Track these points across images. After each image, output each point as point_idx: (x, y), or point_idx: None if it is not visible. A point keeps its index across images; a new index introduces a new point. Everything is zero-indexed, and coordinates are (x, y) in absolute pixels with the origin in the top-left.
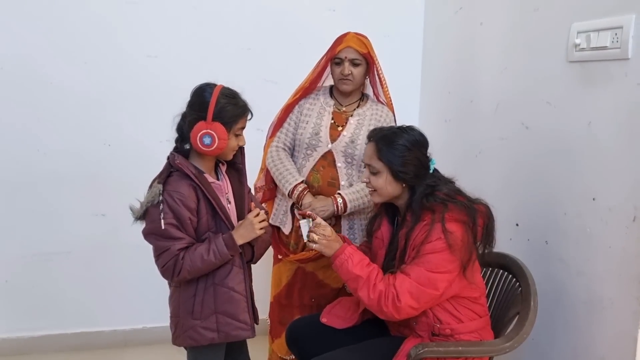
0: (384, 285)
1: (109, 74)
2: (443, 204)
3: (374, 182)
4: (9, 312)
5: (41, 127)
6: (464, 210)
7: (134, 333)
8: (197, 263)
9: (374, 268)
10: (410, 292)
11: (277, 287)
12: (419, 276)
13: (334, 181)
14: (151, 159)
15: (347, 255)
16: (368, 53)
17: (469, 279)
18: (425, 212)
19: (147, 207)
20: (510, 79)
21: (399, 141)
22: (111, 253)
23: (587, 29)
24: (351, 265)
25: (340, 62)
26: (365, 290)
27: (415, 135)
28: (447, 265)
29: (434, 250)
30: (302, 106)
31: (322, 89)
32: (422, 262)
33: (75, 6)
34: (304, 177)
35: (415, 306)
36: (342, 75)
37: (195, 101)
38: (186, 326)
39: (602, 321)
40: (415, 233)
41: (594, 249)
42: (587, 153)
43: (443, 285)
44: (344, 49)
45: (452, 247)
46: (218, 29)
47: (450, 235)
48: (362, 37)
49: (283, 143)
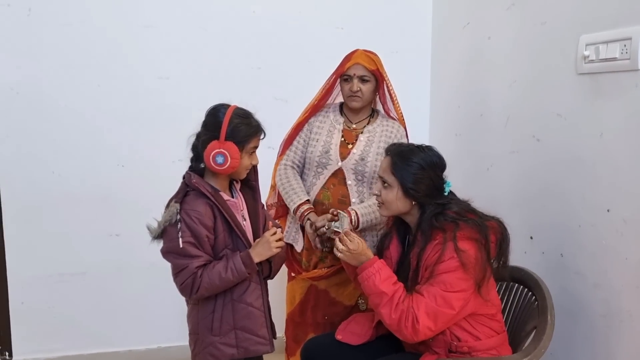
0: (405, 305)
1: (121, 96)
2: (454, 222)
3: (384, 196)
4: (25, 334)
5: (56, 149)
6: (475, 228)
7: (149, 353)
8: (215, 281)
9: (400, 287)
10: (427, 313)
11: (291, 304)
12: (435, 296)
13: (344, 199)
14: (164, 179)
15: (376, 270)
16: (377, 70)
17: (484, 297)
18: (436, 231)
19: (165, 226)
20: (520, 92)
21: (414, 159)
22: (126, 273)
23: (596, 41)
24: (378, 281)
25: (349, 79)
26: (387, 308)
27: (432, 156)
28: (462, 284)
29: (448, 270)
30: (312, 124)
31: (332, 106)
32: (436, 282)
33: (87, 31)
34: (313, 196)
35: (433, 328)
36: (351, 92)
37: (209, 121)
38: (206, 343)
39: (621, 334)
40: (427, 253)
41: (610, 261)
42: (600, 164)
43: (459, 304)
44: (352, 66)
45: (465, 265)
46: (227, 49)
47: (463, 254)
48: (371, 53)
49: (292, 161)
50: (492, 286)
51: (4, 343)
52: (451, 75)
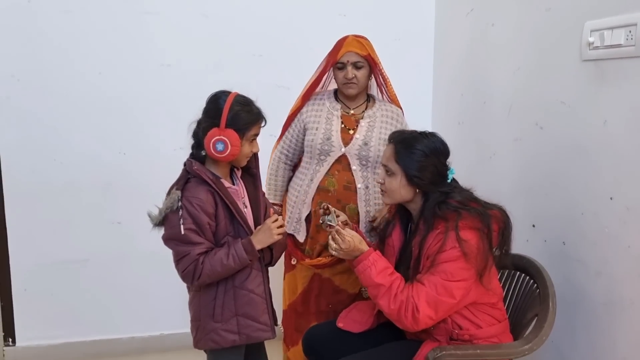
0: (404, 295)
1: (123, 83)
2: (456, 211)
3: (387, 184)
4: (28, 321)
5: (57, 137)
6: (477, 217)
7: (151, 340)
8: (216, 267)
9: (397, 277)
10: (428, 302)
11: (292, 294)
12: (436, 285)
13: (349, 184)
14: (166, 167)
15: (371, 262)
16: (369, 55)
17: (485, 286)
18: (438, 220)
19: (167, 213)
20: (524, 80)
21: (418, 146)
22: (128, 260)
23: (601, 27)
24: (374, 273)
25: (343, 67)
26: (385, 300)
27: (435, 143)
28: (463, 274)
29: (449, 259)
30: (305, 113)
31: (325, 93)
32: (437, 272)
33: (87, 17)
34: (317, 183)
35: (433, 316)
36: (346, 80)
37: (210, 108)
38: (207, 329)
39: (623, 322)
40: (429, 242)
41: (612, 249)
42: (603, 152)
43: (460, 293)
44: (345, 53)
45: (467, 255)
46: (229, 37)
47: (465, 243)
48: (362, 38)
49: (284, 153)
50: (493, 275)
51: (7, 330)
52: (454, 62)
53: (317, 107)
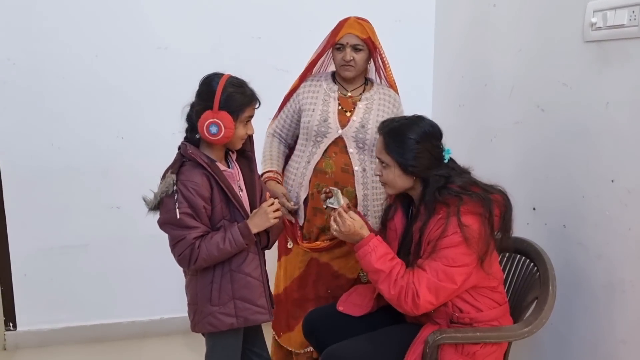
0: (404, 281)
1: (119, 67)
2: (457, 196)
3: (385, 176)
4: (28, 305)
5: (54, 121)
6: (479, 202)
7: (152, 324)
8: (213, 251)
9: (397, 263)
10: (429, 288)
11: (287, 279)
12: (437, 271)
13: (347, 167)
14: (164, 151)
15: (372, 248)
16: (369, 38)
17: (486, 270)
18: (440, 205)
19: (162, 197)
20: (525, 61)
21: (408, 134)
22: (127, 245)
23: (603, 7)
24: (374, 259)
25: (342, 48)
26: (386, 285)
27: (424, 127)
28: (464, 259)
29: (451, 245)
30: (302, 94)
31: (323, 74)
32: (438, 257)
33: (84, 0)
34: (313, 164)
35: (434, 302)
36: (344, 62)
37: (203, 90)
38: (205, 313)
39: (622, 305)
40: (430, 227)
41: (613, 232)
42: (605, 134)
43: (461, 278)
44: (345, 35)
45: (468, 240)
46: (227, 19)
47: (467, 228)
48: (364, 21)
49: (277, 131)
50: (494, 259)
51: (8, 314)
52: (455, 44)
53: (313, 89)
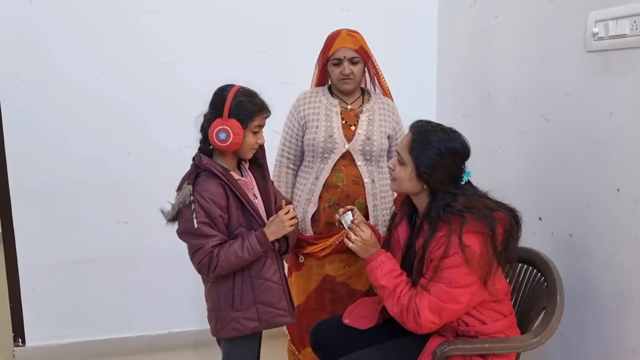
0: (406, 300)
1: (126, 83)
2: (460, 215)
3: (397, 171)
4: (37, 321)
5: (63, 137)
6: (482, 221)
7: (159, 338)
8: (231, 259)
9: (401, 280)
10: (430, 308)
11: (301, 295)
12: (439, 293)
13: (357, 179)
14: (171, 166)
15: (379, 264)
16: (362, 47)
17: (490, 290)
18: (442, 223)
19: (180, 207)
20: (528, 72)
21: (435, 142)
22: (135, 260)
23: (605, 18)
24: (380, 275)
25: (339, 63)
26: (390, 302)
27: (454, 143)
28: (466, 280)
29: (452, 266)
30: (303, 111)
31: (319, 89)
32: (440, 278)
33: (89, 17)
34: (323, 180)
35: (437, 322)
36: (343, 75)
37: (215, 100)
38: (229, 318)
39: (631, 314)
40: (432, 245)
41: (620, 241)
42: (610, 143)
43: (465, 298)
44: (339, 49)
45: (469, 261)
46: (231, 34)
47: (467, 249)
48: (354, 32)
49: (284, 156)
50: (499, 276)
51: (17, 330)
52: (458, 55)
53: (314, 105)
